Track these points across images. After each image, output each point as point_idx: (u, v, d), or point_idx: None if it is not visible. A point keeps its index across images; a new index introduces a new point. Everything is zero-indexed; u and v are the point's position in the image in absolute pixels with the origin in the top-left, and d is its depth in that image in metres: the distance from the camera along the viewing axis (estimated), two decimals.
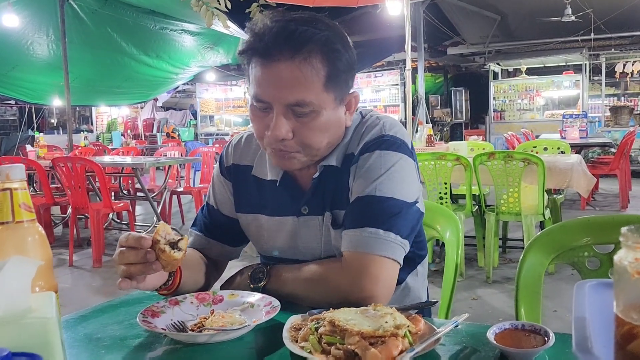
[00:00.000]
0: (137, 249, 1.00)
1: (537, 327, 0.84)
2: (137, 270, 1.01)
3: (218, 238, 1.33)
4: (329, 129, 1.14)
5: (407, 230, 1.13)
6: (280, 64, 1.06)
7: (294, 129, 1.10)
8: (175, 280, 1.12)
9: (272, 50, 1.05)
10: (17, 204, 0.85)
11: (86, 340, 0.97)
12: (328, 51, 1.08)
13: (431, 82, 16.40)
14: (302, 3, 5.00)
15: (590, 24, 10.21)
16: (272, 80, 1.07)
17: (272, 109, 1.09)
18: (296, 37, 1.05)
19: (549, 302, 3.40)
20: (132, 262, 1.00)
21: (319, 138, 1.13)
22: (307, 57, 1.06)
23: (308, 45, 1.06)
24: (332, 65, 1.09)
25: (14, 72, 8.84)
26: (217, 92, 16.11)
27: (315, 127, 1.11)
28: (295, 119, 1.09)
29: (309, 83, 1.07)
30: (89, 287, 4.38)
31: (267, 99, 1.09)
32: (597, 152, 8.78)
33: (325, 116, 1.11)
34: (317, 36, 1.07)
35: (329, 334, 0.83)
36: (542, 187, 3.83)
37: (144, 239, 1.00)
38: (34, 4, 7.30)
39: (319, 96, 1.08)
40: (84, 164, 4.91)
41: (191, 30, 8.38)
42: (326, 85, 1.09)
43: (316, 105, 1.08)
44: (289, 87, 1.06)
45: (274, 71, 1.06)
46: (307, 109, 1.08)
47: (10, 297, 0.70)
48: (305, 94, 1.07)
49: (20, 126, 15.47)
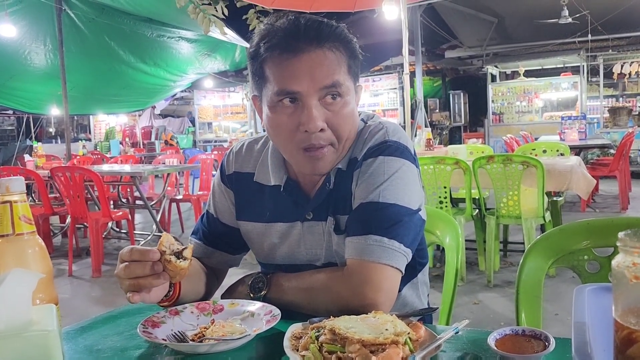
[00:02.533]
0: (143, 262, 0.99)
1: (537, 332, 0.84)
2: (145, 283, 1.00)
3: (218, 246, 1.33)
4: (354, 118, 1.18)
5: (410, 239, 1.13)
6: (311, 53, 1.10)
7: (326, 119, 1.12)
8: (176, 290, 1.12)
9: (300, 42, 1.09)
10: (17, 216, 0.86)
11: (87, 352, 0.97)
12: (346, 42, 1.15)
13: (429, 86, 16.42)
14: (299, 9, 5.01)
15: (587, 25, 10.23)
16: (304, 69, 1.09)
17: (300, 101, 1.11)
18: (323, 29, 1.12)
19: (550, 306, 3.39)
20: (139, 275, 0.99)
21: (348, 127, 1.16)
22: (332, 45, 1.12)
23: (332, 36, 1.12)
24: (351, 54, 1.15)
25: (12, 81, 8.87)
26: (215, 99, 16.12)
27: (345, 114, 1.14)
28: (326, 109, 1.12)
29: (339, 66, 1.12)
30: (88, 297, 4.37)
31: (299, 89, 1.10)
32: (596, 154, 8.79)
33: (351, 103, 1.16)
34: (336, 29, 1.14)
35: (329, 342, 0.83)
36: (542, 189, 3.83)
37: (151, 252, 0.99)
38: (31, 13, 7.32)
39: (347, 82, 1.14)
40: (83, 173, 4.91)
41: (188, 38, 8.40)
42: (349, 72, 1.15)
43: (344, 91, 1.13)
44: (323, 70, 1.10)
45: (304, 60, 1.09)
46: (340, 92, 1.12)
47: (11, 310, 0.71)
48: (339, 76, 1.12)
49: (18, 136, 15.47)
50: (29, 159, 7.17)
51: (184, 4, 4.79)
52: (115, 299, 4.11)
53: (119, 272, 1.01)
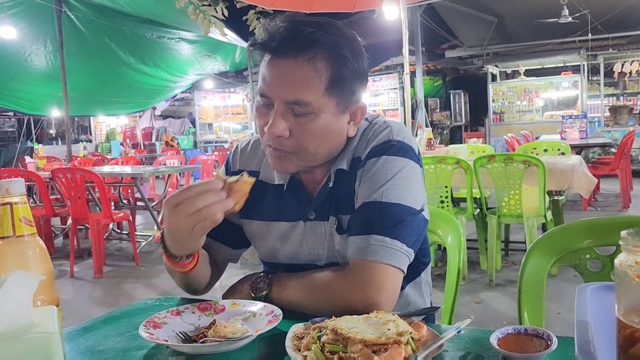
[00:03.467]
0: (212, 190, 0.99)
1: (540, 331, 0.84)
2: (216, 210, 0.99)
3: (220, 239, 1.32)
4: (328, 135, 1.13)
5: (413, 239, 1.12)
6: (285, 61, 1.07)
7: (292, 128, 1.10)
8: (195, 255, 1.14)
9: (279, 47, 1.07)
10: (17, 218, 0.86)
11: (88, 353, 0.97)
12: (334, 56, 1.08)
13: (430, 86, 16.42)
14: (299, 9, 5.00)
15: (588, 24, 10.22)
16: (275, 76, 1.09)
17: (273, 105, 1.10)
18: (303, 38, 1.07)
19: (553, 305, 3.39)
20: (211, 202, 0.99)
21: (315, 142, 1.12)
22: (311, 58, 1.07)
23: (314, 47, 1.07)
24: (336, 71, 1.09)
25: (12, 83, 8.87)
26: (215, 100, 16.12)
27: (312, 129, 1.10)
28: (294, 119, 1.10)
29: (309, 84, 1.07)
30: (90, 298, 4.37)
31: (269, 95, 1.10)
32: (597, 153, 8.78)
33: (324, 120, 1.11)
34: (324, 39, 1.08)
35: (331, 342, 0.82)
36: (543, 188, 3.83)
37: (215, 180, 1.00)
38: (31, 15, 7.33)
39: (319, 99, 1.08)
40: (84, 174, 4.91)
41: (188, 39, 8.41)
42: (328, 89, 1.09)
43: (315, 107, 1.08)
44: (289, 85, 1.07)
45: (278, 68, 1.08)
46: (306, 110, 1.08)
47: (12, 312, 0.70)
48: (305, 94, 1.07)
49: (19, 137, 15.47)
50: (30, 160, 7.18)
51: (184, 5, 4.79)
52: (117, 299, 4.11)
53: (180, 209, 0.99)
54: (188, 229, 1.01)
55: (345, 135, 1.18)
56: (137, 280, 4.73)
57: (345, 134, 1.18)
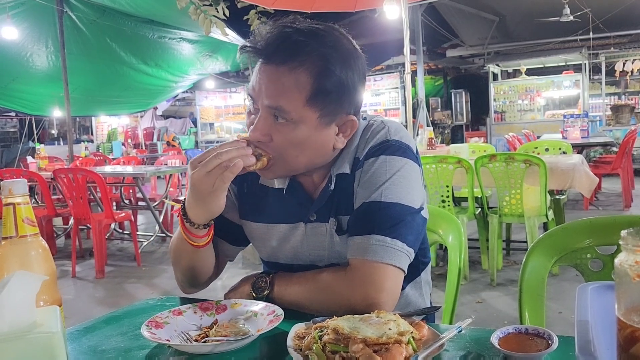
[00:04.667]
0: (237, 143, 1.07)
1: (540, 331, 0.84)
2: (239, 162, 1.05)
3: (220, 235, 1.31)
4: (307, 146, 1.11)
5: (413, 238, 1.12)
6: (269, 67, 1.08)
7: (273, 134, 1.10)
8: (211, 228, 1.19)
9: (264, 52, 1.08)
10: (20, 218, 0.86)
11: (90, 353, 0.98)
12: (319, 68, 1.06)
13: (431, 85, 16.41)
14: (300, 9, 5.00)
15: (589, 23, 10.21)
16: (260, 80, 1.09)
17: (259, 108, 1.11)
18: (288, 46, 1.06)
19: (554, 304, 3.39)
20: (234, 155, 1.05)
21: (294, 152, 1.11)
22: (294, 68, 1.06)
23: (299, 57, 1.06)
24: (319, 83, 1.07)
25: (14, 84, 8.89)
26: (216, 100, 16.13)
27: (291, 139, 1.09)
28: (276, 125, 1.10)
29: (288, 94, 1.06)
30: (92, 297, 4.38)
31: (253, 96, 1.12)
32: (599, 152, 8.76)
33: (303, 132, 1.09)
34: (310, 49, 1.06)
35: (332, 342, 0.83)
36: (545, 188, 3.83)
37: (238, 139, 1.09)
38: (33, 15, 7.34)
39: (299, 110, 1.07)
40: (85, 174, 4.92)
41: (190, 39, 8.41)
42: (310, 101, 1.07)
43: (295, 117, 1.07)
44: (271, 90, 1.08)
45: (263, 72, 1.09)
46: (284, 118, 1.08)
47: (15, 312, 0.71)
48: (284, 103, 1.07)
49: (20, 138, 15.51)
50: (32, 160, 7.18)
51: (185, 5, 4.80)
52: (119, 299, 4.12)
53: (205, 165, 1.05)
54: (210, 183, 1.05)
55: (332, 147, 1.16)
56: (138, 280, 4.73)
57: (332, 146, 1.15)
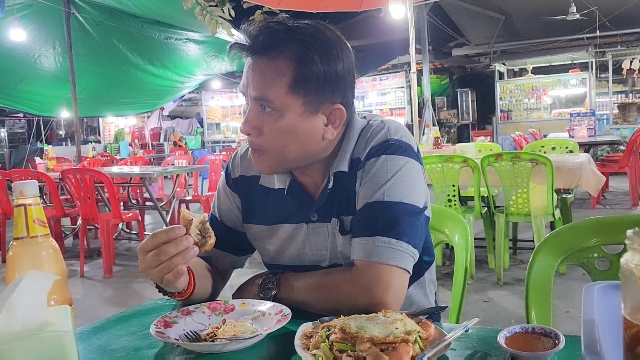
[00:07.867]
0: (173, 241, 1.00)
1: (547, 330, 0.84)
2: (179, 260, 1.00)
3: (222, 248, 1.31)
4: (296, 135, 1.12)
5: (417, 239, 1.13)
6: (253, 59, 1.11)
7: (263, 125, 1.12)
8: (191, 283, 1.13)
9: (250, 46, 1.10)
10: (31, 219, 0.87)
11: (101, 352, 0.99)
12: (299, 56, 1.09)
13: (437, 84, 16.38)
14: (305, 9, 5.01)
15: (596, 21, 10.17)
16: (246, 73, 1.13)
17: (249, 102, 1.14)
18: (268, 37, 1.09)
19: (561, 303, 3.38)
20: (173, 254, 0.99)
21: (283, 141, 1.13)
22: (274, 57, 1.09)
23: (280, 47, 1.09)
24: (300, 71, 1.09)
25: (22, 85, 8.94)
26: (223, 100, 16.17)
27: (278, 128, 1.11)
28: (264, 115, 1.12)
29: (271, 83, 1.09)
30: (100, 297, 4.40)
31: (242, 91, 1.14)
32: (606, 150, 8.73)
33: (288, 120, 1.11)
34: (289, 37, 1.09)
35: (340, 341, 0.83)
36: (551, 187, 3.81)
37: (176, 229, 1.00)
38: (40, 17, 7.38)
39: (282, 97, 1.09)
40: (93, 175, 4.94)
41: (196, 39, 8.42)
42: (292, 88, 1.09)
43: (278, 105, 1.10)
44: (254, 81, 1.11)
45: (248, 66, 1.12)
46: (270, 107, 1.10)
47: (27, 311, 0.72)
48: (266, 91, 1.09)
49: (28, 139, 15.60)
50: (40, 161, 7.23)
51: (191, 6, 4.81)
52: (127, 299, 4.14)
53: (147, 261, 1.01)
54: (159, 278, 1.03)
55: (321, 137, 1.16)
56: (146, 280, 4.71)
57: (321, 136, 1.16)
